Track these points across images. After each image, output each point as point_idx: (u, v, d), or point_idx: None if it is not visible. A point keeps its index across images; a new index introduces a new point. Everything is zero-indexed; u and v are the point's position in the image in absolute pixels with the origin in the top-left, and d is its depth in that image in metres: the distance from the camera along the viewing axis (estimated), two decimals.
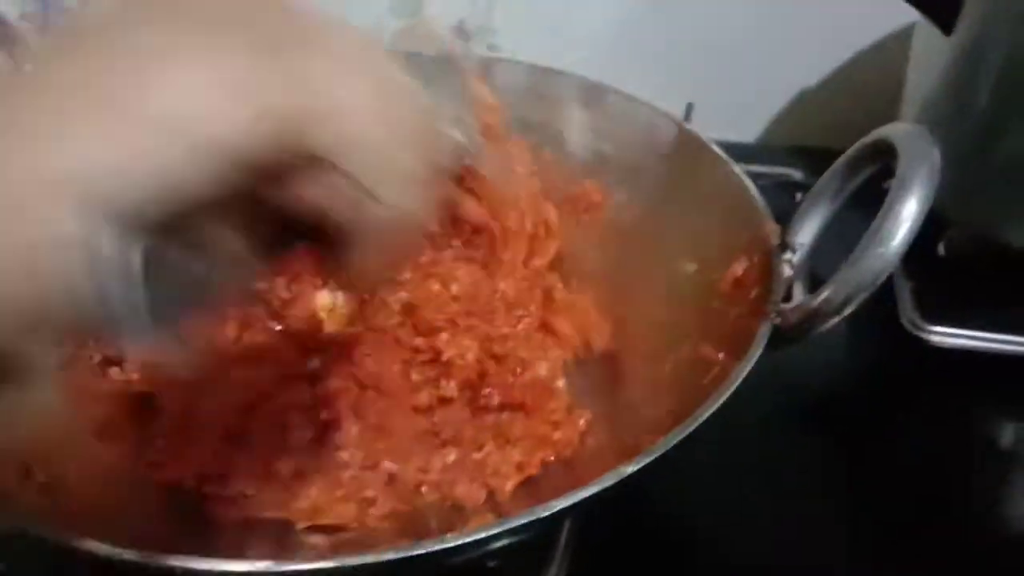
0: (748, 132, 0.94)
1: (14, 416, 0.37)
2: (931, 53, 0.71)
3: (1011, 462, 0.63)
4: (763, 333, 0.48)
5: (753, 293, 0.53)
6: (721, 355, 0.52)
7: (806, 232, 0.54)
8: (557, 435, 0.54)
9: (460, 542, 0.38)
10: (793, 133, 0.93)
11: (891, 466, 0.61)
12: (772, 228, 0.56)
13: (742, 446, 0.49)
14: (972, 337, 0.66)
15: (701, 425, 0.43)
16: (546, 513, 0.39)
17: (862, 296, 0.45)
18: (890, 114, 0.71)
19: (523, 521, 0.39)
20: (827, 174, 0.53)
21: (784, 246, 0.54)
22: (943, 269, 0.71)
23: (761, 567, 0.54)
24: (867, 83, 0.56)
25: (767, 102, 0.93)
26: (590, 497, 0.39)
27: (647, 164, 0.67)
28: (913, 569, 0.54)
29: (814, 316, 0.47)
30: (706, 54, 0.89)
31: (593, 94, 0.68)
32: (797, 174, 0.56)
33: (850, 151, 0.52)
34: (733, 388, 0.45)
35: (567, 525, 0.51)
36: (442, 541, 0.38)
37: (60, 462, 0.49)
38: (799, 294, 0.55)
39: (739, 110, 0.78)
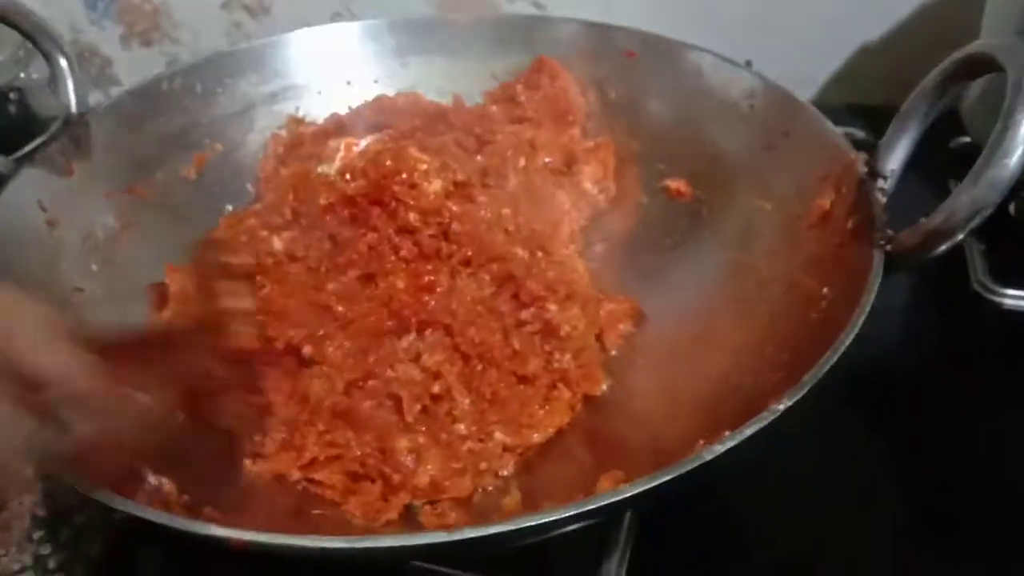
0: (807, 90, 0.88)
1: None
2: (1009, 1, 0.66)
3: None
4: (878, 261, 0.47)
5: (850, 223, 0.52)
6: (825, 289, 0.51)
7: (895, 158, 0.53)
8: None
9: (526, 525, 0.37)
10: (854, 90, 0.88)
11: (961, 437, 0.57)
12: (856, 157, 0.55)
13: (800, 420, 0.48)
14: None
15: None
16: (629, 493, 0.37)
17: (987, 211, 0.44)
18: None
19: (594, 506, 0.37)
20: (914, 95, 0.52)
21: (874, 174, 0.53)
22: (1015, 230, 0.66)
23: (817, 547, 0.51)
24: (935, 36, 0.52)
25: (827, 58, 0.89)
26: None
27: (710, 111, 0.66)
28: (984, 545, 0.51)
29: (933, 237, 0.46)
30: (763, 8, 0.84)
31: (653, 47, 0.67)
32: (859, 133, 0.54)
33: (939, 69, 0.51)
34: (865, 314, 0.44)
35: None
36: (510, 523, 0.37)
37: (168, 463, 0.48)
38: None
39: (798, 67, 0.74)
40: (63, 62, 0.64)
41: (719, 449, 0.38)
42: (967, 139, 0.72)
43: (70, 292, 0.58)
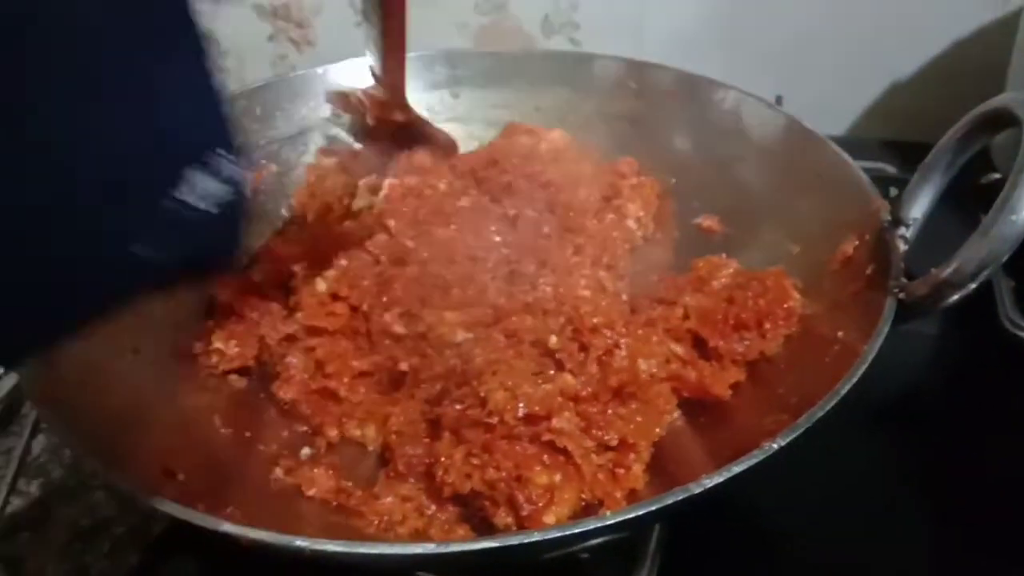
0: (838, 125, 0.90)
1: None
2: None
3: None
4: (889, 308, 0.48)
5: (869, 270, 0.53)
6: (840, 334, 0.52)
7: (918, 207, 0.54)
8: None
9: (551, 536, 0.39)
10: (885, 126, 0.87)
11: (988, 466, 0.58)
12: (881, 204, 0.56)
13: (828, 447, 0.47)
14: None
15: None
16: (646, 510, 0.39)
17: (994, 265, 0.45)
18: None
19: (620, 519, 0.39)
20: (939, 146, 0.53)
21: (897, 221, 0.54)
22: None
23: (844, 568, 0.52)
24: (966, 73, 0.52)
25: (858, 94, 0.89)
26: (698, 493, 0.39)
27: (745, 152, 0.67)
28: (1007, 565, 0.51)
29: (943, 288, 0.47)
30: (795, 45, 0.85)
31: (690, 86, 0.69)
32: (891, 168, 0.55)
33: (963, 121, 0.52)
34: (867, 362, 0.45)
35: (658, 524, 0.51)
36: (534, 535, 0.39)
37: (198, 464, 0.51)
38: None
39: (829, 102, 0.75)
40: None
41: (708, 483, 0.39)
42: (997, 175, 0.71)
43: None
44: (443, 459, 0.51)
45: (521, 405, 0.51)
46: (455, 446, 0.51)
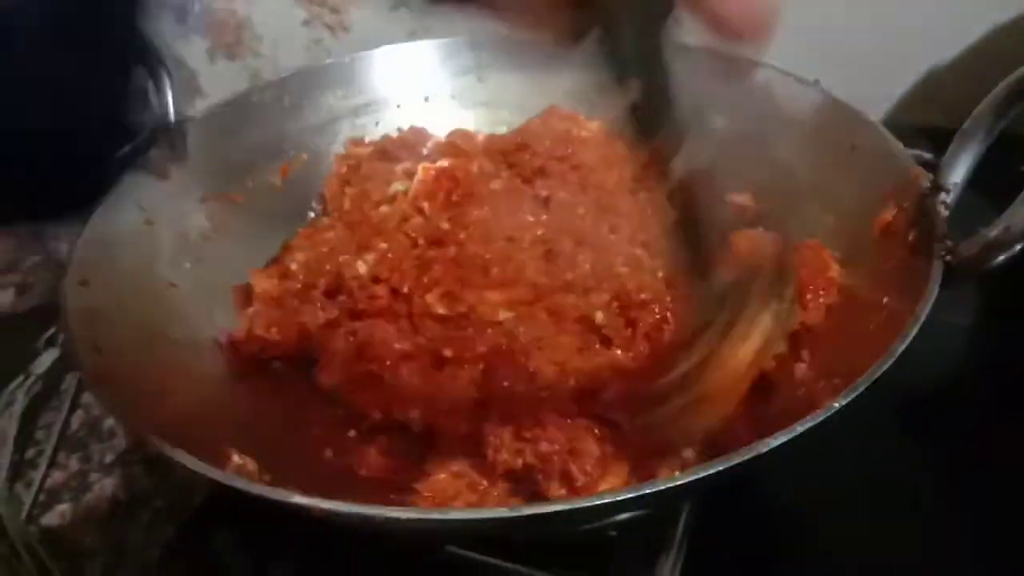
0: (876, 111, 0.84)
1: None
2: None
3: None
4: (937, 270, 0.48)
5: (911, 236, 0.53)
6: (885, 299, 0.52)
7: (958, 172, 0.54)
8: None
9: (582, 505, 0.38)
10: (922, 112, 0.86)
11: (1017, 459, 0.57)
12: (920, 172, 0.56)
13: (857, 440, 0.49)
14: None
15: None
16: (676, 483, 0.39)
17: None
18: None
19: (649, 491, 0.38)
20: (977, 112, 0.53)
21: (938, 188, 0.54)
22: None
23: (869, 563, 0.52)
24: (1004, 60, 0.52)
25: (895, 80, 0.88)
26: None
27: (780, 128, 0.68)
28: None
29: (991, 248, 0.47)
30: (832, 30, 0.84)
31: (722, 64, 0.69)
32: (927, 154, 0.55)
33: (1001, 86, 0.52)
34: (920, 323, 0.45)
35: (686, 508, 0.51)
36: (570, 503, 0.39)
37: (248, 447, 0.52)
38: None
39: (866, 88, 0.75)
40: (165, 75, 0.69)
41: (773, 443, 0.39)
42: None
43: (165, 287, 0.62)
44: (491, 438, 0.51)
45: (572, 380, 0.51)
46: (502, 424, 0.52)
